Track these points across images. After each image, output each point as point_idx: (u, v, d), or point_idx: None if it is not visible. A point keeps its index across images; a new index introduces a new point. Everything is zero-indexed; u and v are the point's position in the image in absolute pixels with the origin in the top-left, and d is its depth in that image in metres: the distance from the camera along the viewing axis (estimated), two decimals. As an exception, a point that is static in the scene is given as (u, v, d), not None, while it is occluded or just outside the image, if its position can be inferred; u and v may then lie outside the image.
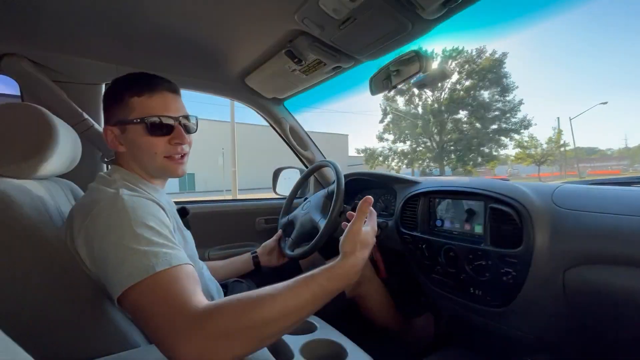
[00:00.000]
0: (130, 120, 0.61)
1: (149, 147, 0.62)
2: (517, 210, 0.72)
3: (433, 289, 0.94)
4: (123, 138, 0.63)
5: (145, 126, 0.60)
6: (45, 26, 0.81)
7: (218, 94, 1.31)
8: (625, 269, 0.58)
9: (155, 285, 0.43)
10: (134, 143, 0.62)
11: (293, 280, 0.48)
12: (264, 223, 1.50)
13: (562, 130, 17.23)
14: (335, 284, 0.50)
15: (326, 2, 0.71)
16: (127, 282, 0.43)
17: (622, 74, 33.99)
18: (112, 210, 0.49)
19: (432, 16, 0.76)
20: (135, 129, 0.61)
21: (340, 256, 0.54)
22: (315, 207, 1.08)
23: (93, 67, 1.01)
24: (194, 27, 0.86)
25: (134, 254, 0.45)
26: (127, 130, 0.62)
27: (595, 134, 27.66)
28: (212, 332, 0.40)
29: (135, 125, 0.61)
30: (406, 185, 1.08)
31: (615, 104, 29.87)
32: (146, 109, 0.61)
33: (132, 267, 0.44)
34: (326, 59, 0.97)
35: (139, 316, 0.44)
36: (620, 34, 41.99)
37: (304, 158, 1.56)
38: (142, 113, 0.61)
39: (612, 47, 34.29)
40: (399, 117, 19.97)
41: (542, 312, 0.71)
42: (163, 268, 0.44)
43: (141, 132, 0.61)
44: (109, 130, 0.63)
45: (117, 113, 0.62)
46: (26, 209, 0.50)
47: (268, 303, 0.44)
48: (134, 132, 0.61)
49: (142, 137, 0.61)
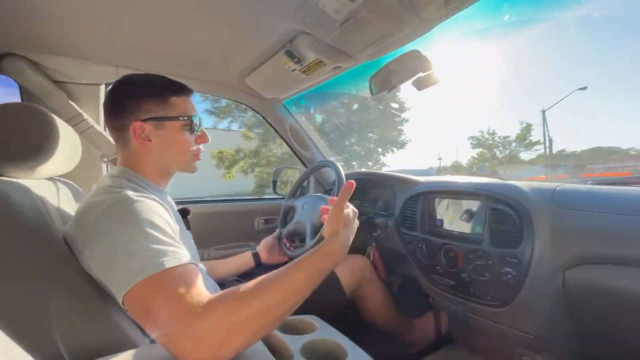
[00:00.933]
0: (171, 117, 0.65)
1: (184, 143, 0.67)
2: (517, 210, 0.72)
3: (433, 289, 0.94)
4: (155, 134, 0.64)
5: (184, 124, 0.66)
6: (45, 27, 0.81)
7: (217, 94, 1.32)
8: (625, 269, 0.58)
9: (164, 281, 0.44)
10: (169, 139, 0.66)
11: (285, 267, 0.50)
12: (264, 223, 1.50)
13: (531, 125, 14.29)
14: (325, 262, 0.54)
15: (326, 2, 0.71)
16: (137, 277, 0.43)
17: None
18: (121, 210, 0.50)
19: (432, 16, 0.76)
20: (173, 126, 0.66)
21: (326, 236, 0.58)
22: (311, 213, 1.07)
23: (93, 68, 1.01)
24: (193, 28, 0.86)
25: (144, 250, 0.45)
26: (163, 127, 0.65)
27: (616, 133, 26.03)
28: (216, 326, 0.41)
29: (175, 122, 0.66)
30: (406, 185, 1.08)
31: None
32: (184, 109, 0.67)
33: (142, 263, 0.44)
34: (326, 59, 0.97)
35: (145, 312, 0.44)
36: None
37: (304, 158, 1.56)
38: (182, 112, 0.66)
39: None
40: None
41: (542, 312, 0.71)
42: (173, 265, 0.45)
43: (178, 129, 0.66)
44: (139, 125, 0.63)
45: (154, 109, 0.64)
46: (26, 209, 0.50)
47: (266, 290, 0.46)
48: (172, 129, 0.66)
49: (178, 133, 0.66)
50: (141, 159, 0.65)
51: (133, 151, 0.65)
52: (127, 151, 0.65)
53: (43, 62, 0.94)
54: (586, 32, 32.17)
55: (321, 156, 1.58)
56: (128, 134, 0.63)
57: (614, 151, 25.22)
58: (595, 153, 19.59)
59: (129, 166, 0.65)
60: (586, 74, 30.11)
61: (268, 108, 1.43)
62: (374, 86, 1.04)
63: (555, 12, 25.53)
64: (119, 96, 0.65)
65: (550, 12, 25.19)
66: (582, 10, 25.81)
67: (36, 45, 0.90)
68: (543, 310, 0.71)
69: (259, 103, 1.40)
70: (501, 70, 30.50)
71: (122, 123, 0.63)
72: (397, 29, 0.81)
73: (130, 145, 0.64)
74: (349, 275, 0.98)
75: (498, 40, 21.83)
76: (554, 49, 34.40)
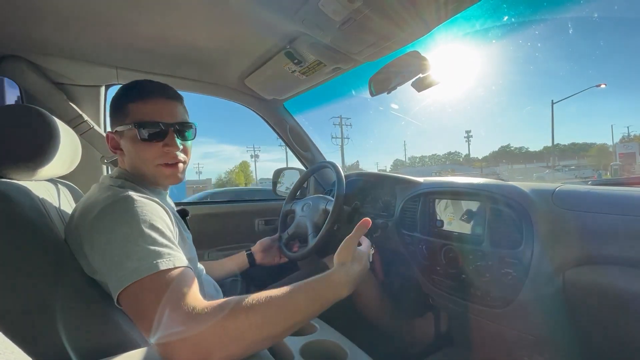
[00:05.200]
0: (124, 124, 0.61)
1: (140, 153, 0.61)
2: (517, 211, 0.72)
3: (433, 289, 0.94)
4: (121, 144, 0.64)
5: (136, 131, 0.60)
6: (45, 29, 0.82)
7: (218, 96, 1.32)
8: (625, 269, 0.58)
9: (157, 283, 0.44)
10: (128, 149, 0.62)
11: (290, 285, 0.50)
12: (264, 224, 1.50)
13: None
14: (328, 290, 0.53)
15: (325, 3, 0.71)
16: (132, 277, 0.43)
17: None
18: (121, 209, 0.50)
19: (431, 17, 0.76)
20: (128, 135, 0.61)
21: (335, 265, 0.58)
22: (312, 213, 1.09)
23: (93, 69, 1.02)
24: (193, 30, 0.86)
25: (140, 251, 0.45)
26: (123, 136, 0.63)
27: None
28: (209, 332, 0.41)
29: (129, 131, 0.61)
30: (406, 185, 1.08)
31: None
32: (138, 114, 0.60)
33: (137, 264, 0.44)
34: (326, 60, 0.97)
35: (138, 313, 0.44)
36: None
37: (304, 159, 1.56)
38: (134, 118, 0.60)
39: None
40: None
41: (542, 312, 0.71)
42: (167, 267, 0.45)
43: (134, 138, 0.61)
44: (109, 136, 0.65)
45: (115, 119, 0.63)
46: (26, 210, 0.50)
47: (266, 305, 0.45)
48: (128, 138, 0.62)
49: (135, 143, 0.61)
50: (129, 165, 0.66)
51: (121, 158, 0.67)
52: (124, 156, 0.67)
53: (43, 64, 0.94)
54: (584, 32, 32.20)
55: (321, 157, 1.58)
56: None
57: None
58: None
59: (128, 168, 0.66)
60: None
61: (268, 109, 1.44)
62: (373, 87, 1.04)
63: (554, 13, 25.60)
64: (109, 106, 0.67)
65: (550, 12, 25.24)
66: (582, 11, 25.93)
67: (36, 47, 0.90)
68: (543, 311, 0.71)
69: (259, 104, 1.40)
70: (501, 71, 30.55)
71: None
72: (396, 30, 0.81)
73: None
74: None
75: (498, 40, 22.06)
76: (554, 49, 34.54)
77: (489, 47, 26.31)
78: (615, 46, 53.70)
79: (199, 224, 1.27)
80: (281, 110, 1.47)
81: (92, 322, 0.51)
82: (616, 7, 52.24)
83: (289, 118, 1.49)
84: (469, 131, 49.91)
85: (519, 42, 54.03)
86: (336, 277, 0.55)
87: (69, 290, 0.50)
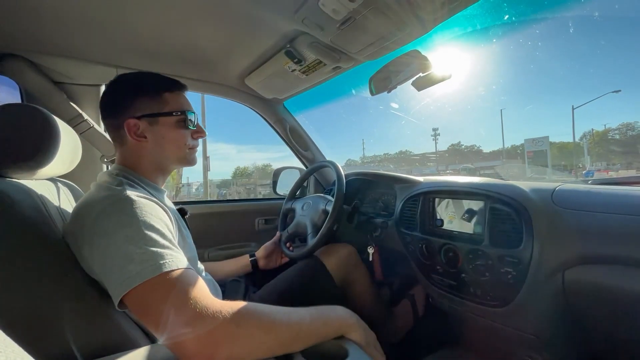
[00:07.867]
0: (164, 113, 0.65)
1: (179, 138, 0.67)
2: (517, 210, 0.72)
3: (433, 288, 0.94)
4: (150, 130, 0.64)
5: (178, 119, 0.66)
6: (45, 28, 0.81)
7: (217, 95, 1.32)
8: (625, 269, 0.58)
9: (162, 284, 0.44)
10: (163, 134, 0.65)
11: (302, 309, 0.53)
12: (264, 223, 1.50)
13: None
14: (331, 316, 0.55)
15: (326, 3, 0.71)
16: (135, 280, 0.43)
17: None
18: (121, 209, 0.50)
19: (432, 16, 0.76)
20: (167, 121, 0.66)
21: (346, 311, 0.59)
22: (312, 213, 1.09)
23: (93, 68, 1.01)
24: (193, 29, 0.86)
25: (143, 253, 0.45)
26: (157, 123, 0.65)
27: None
28: (218, 332, 0.42)
29: (168, 118, 0.65)
30: (406, 185, 1.08)
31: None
32: (177, 104, 0.67)
33: (140, 266, 0.44)
34: (326, 59, 0.97)
35: (145, 314, 0.44)
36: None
37: (304, 158, 1.56)
38: (175, 107, 0.66)
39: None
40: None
41: (542, 311, 0.71)
42: (170, 269, 0.45)
43: (172, 125, 0.66)
44: (133, 122, 0.63)
45: (148, 106, 0.64)
46: (27, 210, 0.50)
47: (276, 313, 0.48)
48: (165, 125, 0.66)
49: (173, 129, 0.66)
50: (138, 156, 0.66)
51: (130, 149, 0.65)
52: (124, 149, 0.66)
53: (43, 63, 0.94)
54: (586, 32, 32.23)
55: (321, 156, 1.58)
56: (124, 132, 0.63)
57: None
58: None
59: (127, 164, 0.65)
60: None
61: (268, 108, 1.43)
62: (373, 86, 1.04)
63: (553, 13, 25.58)
64: (114, 95, 0.66)
65: (549, 12, 25.23)
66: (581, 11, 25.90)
67: (36, 46, 0.90)
68: (543, 310, 0.71)
69: (259, 103, 1.40)
70: (501, 71, 30.62)
71: (117, 121, 0.64)
72: (396, 29, 0.81)
73: (127, 143, 0.65)
74: (335, 263, 0.97)
75: (498, 41, 22.17)
76: (553, 49, 34.55)
77: (489, 47, 26.25)
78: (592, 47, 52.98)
79: (199, 223, 1.27)
80: (281, 109, 1.47)
81: (92, 321, 0.51)
82: (617, 6, 51.80)
83: (289, 117, 1.49)
84: (436, 129, 51.11)
85: (519, 42, 53.87)
86: (343, 311, 0.58)
87: (69, 290, 0.50)
